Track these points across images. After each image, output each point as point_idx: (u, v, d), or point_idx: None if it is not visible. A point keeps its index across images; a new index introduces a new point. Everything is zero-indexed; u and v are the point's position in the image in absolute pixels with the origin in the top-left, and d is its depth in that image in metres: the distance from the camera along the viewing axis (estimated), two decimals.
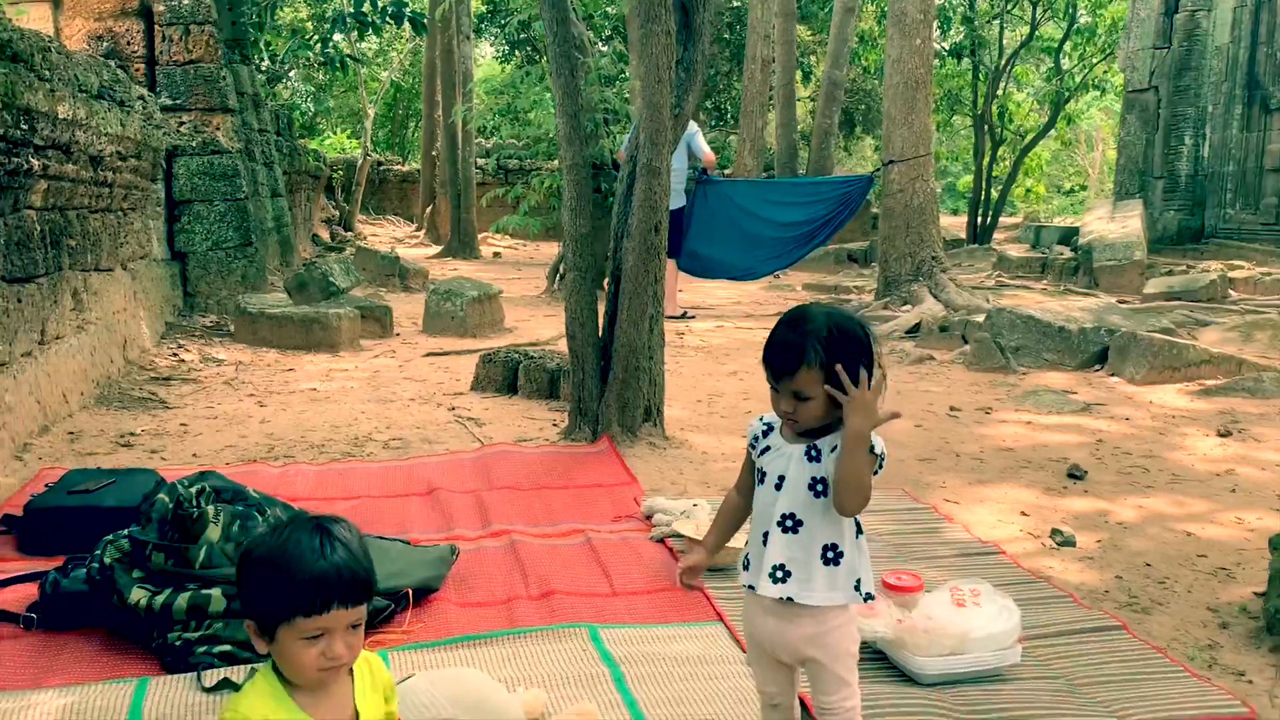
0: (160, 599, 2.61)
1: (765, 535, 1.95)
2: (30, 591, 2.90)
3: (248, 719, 1.52)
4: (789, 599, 1.92)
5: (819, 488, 1.91)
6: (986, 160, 17.23)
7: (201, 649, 2.55)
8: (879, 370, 1.87)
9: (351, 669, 1.66)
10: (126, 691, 2.43)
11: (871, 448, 1.86)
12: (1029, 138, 18.32)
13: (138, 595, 2.63)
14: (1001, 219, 18.45)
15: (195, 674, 2.49)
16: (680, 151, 8.51)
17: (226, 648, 2.56)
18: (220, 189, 8.21)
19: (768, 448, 2.00)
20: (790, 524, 1.92)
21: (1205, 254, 11.70)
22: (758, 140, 15.12)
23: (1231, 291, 9.57)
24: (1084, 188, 31.22)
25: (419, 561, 3.07)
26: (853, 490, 1.85)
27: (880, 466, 1.90)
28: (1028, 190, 23.10)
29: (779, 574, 1.92)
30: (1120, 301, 8.81)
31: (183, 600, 2.61)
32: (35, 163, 4.47)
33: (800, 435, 1.95)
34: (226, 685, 2.44)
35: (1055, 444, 4.93)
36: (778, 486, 1.95)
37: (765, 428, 2.02)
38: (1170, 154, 12.46)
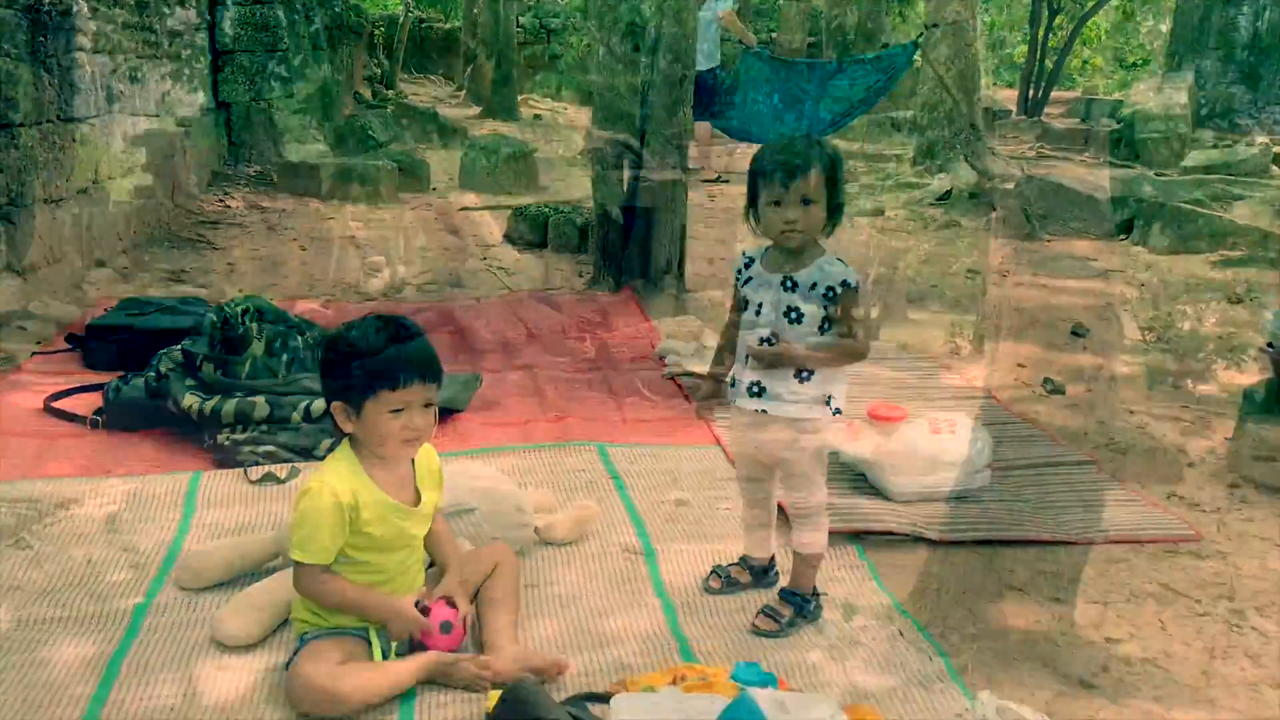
0: (210, 404, 2.90)
1: (747, 357, 2.16)
2: (95, 399, 3.21)
3: (334, 486, 1.80)
4: (763, 411, 2.14)
5: (793, 315, 2.10)
6: (1042, 30, 16.65)
7: (247, 448, 2.85)
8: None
9: (413, 460, 1.92)
10: (183, 481, 2.75)
11: (847, 283, 2.06)
12: (1090, 6, 17.65)
13: (190, 401, 2.92)
14: (1058, 93, 17.89)
15: (242, 469, 2.79)
16: (710, 5, 8.40)
17: (269, 448, 2.85)
18: (262, 40, 8.29)
19: (750, 279, 2.19)
20: (767, 346, 2.13)
21: (1255, 128, 11.43)
22: (804, 2, 14.74)
23: (1275, 167, 9.41)
24: (1147, 61, 30.05)
25: (447, 383, 3.32)
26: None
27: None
28: (1084, 62, 22.33)
29: (755, 389, 2.14)
30: (1158, 174, 8.73)
31: (230, 406, 2.90)
32: (84, 4, 4.63)
33: (781, 263, 2.13)
34: (270, 479, 2.74)
35: (1065, 305, 5.06)
36: (758, 312, 2.14)
37: (747, 260, 2.21)
38: (1228, 25, 12.04)
